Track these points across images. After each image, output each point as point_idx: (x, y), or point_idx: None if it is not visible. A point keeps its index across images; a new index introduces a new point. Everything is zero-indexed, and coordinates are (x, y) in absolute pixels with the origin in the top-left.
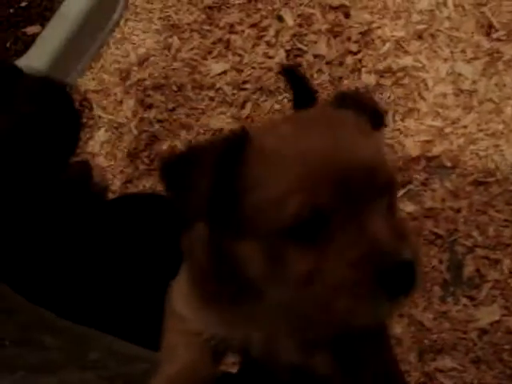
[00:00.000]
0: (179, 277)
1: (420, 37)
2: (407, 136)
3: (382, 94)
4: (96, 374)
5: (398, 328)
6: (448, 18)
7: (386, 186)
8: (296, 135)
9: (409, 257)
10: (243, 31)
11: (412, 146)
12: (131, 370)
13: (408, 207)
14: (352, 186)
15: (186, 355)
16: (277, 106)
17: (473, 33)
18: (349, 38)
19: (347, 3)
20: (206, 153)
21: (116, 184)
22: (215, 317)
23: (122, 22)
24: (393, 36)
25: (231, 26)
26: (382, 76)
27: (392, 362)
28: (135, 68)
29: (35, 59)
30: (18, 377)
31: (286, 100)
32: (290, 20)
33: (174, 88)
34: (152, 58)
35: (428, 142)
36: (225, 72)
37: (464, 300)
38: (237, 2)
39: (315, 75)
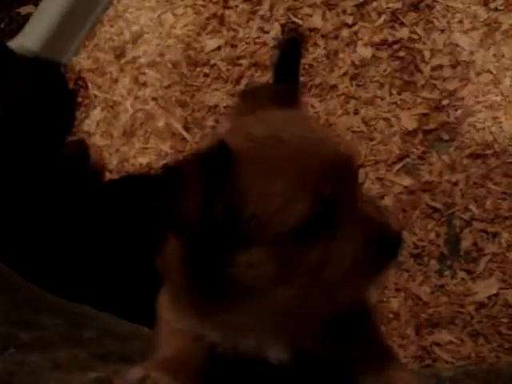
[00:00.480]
0: (162, 291)
1: (416, 8)
2: (404, 109)
3: (378, 66)
4: (89, 351)
5: (394, 302)
6: None
7: (358, 167)
8: (277, 140)
9: (397, 227)
10: (237, 6)
11: (409, 120)
12: (127, 348)
13: (405, 181)
14: (342, 176)
15: (179, 342)
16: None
17: (470, 3)
18: (344, 11)
19: None
20: (194, 177)
21: (112, 163)
22: (200, 327)
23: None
24: (388, 8)
25: (225, 0)
26: (378, 49)
27: (378, 337)
28: (129, 46)
29: (29, 39)
30: (7, 355)
31: None
32: None
33: (169, 65)
34: (146, 35)
35: (425, 114)
36: (219, 48)
37: (461, 274)
38: None
39: (311, 49)
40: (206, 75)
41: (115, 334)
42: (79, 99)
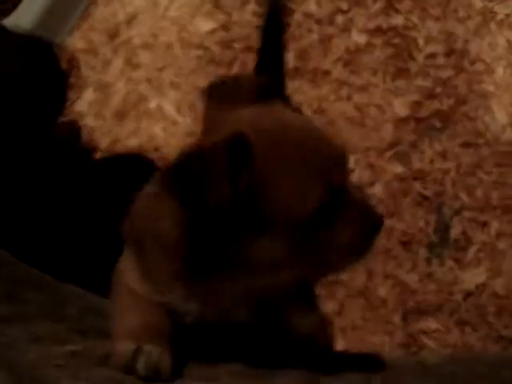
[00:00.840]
0: (125, 257)
1: None
2: (397, 96)
3: (372, 53)
4: (69, 326)
5: (382, 289)
6: None
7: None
8: (288, 134)
9: (380, 211)
10: None
11: (401, 107)
12: (107, 324)
13: (396, 168)
14: (345, 164)
15: (145, 309)
16: None
17: None
18: None
19: None
20: (220, 164)
21: (104, 144)
22: (175, 297)
23: None
24: None
25: None
26: (372, 35)
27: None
28: (123, 26)
29: (23, 18)
30: None
31: None
32: None
33: (162, 47)
34: (140, 17)
35: (418, 102)
36: (213, 31)
37: (450, 262)
38: None
39: (304, 34)
40: (199, 58)
41: (97, 310)
42: (72, 80)
